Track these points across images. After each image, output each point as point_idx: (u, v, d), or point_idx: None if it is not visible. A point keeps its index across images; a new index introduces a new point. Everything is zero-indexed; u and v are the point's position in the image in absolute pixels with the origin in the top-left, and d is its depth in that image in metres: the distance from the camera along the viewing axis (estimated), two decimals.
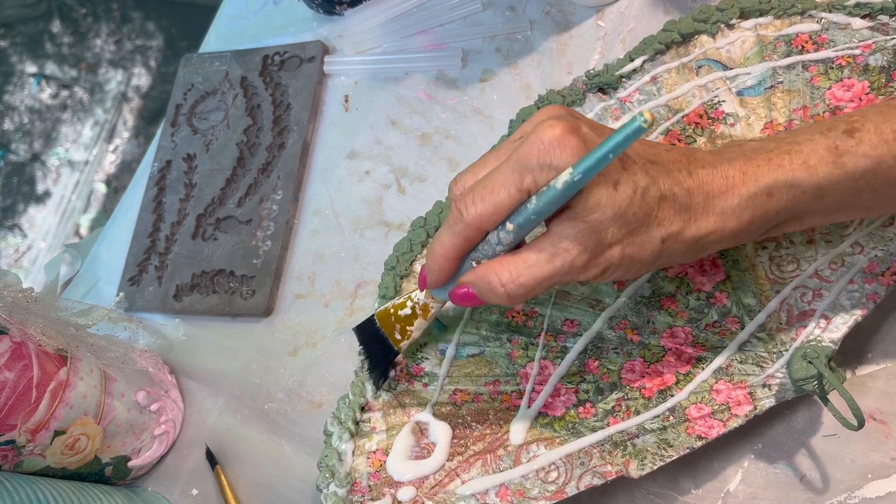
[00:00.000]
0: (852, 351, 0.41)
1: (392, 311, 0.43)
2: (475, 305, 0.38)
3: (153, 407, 0.53)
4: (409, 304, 0.42)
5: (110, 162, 1.79)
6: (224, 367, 0.56)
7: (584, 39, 0.55)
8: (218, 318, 0.59)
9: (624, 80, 0.49)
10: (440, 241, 0.36)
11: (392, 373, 0.46)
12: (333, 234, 0.58)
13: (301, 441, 0.52)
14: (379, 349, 0.45)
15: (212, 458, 0.53)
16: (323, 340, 0.54)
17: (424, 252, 0.50)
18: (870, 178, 0.33)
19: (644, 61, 0.49)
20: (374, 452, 0.44)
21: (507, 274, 0.34)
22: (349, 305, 0.55)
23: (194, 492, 0.53)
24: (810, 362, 0.37)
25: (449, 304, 0.41)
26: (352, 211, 0.58)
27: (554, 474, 0.40)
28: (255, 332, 0.57)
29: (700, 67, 0.48)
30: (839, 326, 0.39)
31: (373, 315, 0.44)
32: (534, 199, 0.34)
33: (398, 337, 0.44)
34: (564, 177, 0.32)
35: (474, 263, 0.37)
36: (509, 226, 0.35)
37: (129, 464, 0.52)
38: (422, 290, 0.41)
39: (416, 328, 0.43)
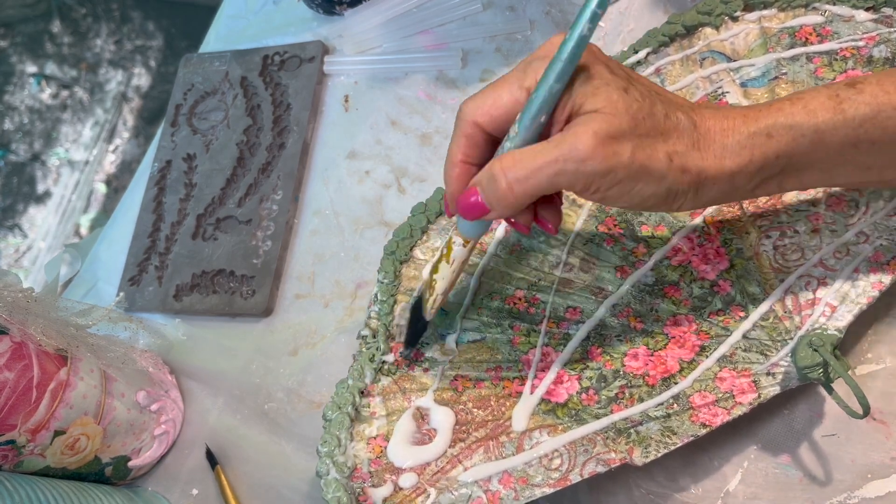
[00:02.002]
0: (852, 351, 0.41)
1: (431, 271, 0.42)
2: (481, 216, 0.35)
3: (153, 407, 0.53)
4: (441, 248, 0.41)
5: (110, 162, 1.79)
6: (224, 367, 0.56)
7: None
8: (218, 318, 0.59)
9: None
10: (449, 150, 0.36)
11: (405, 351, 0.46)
12: (333, 234, 0.58)
13: (301, 441, 0.52)
14: (416, 319, 0.44)
15: (212, 458, 0.53)
16: (323, 340, 0.54)
17: (425, 238, 0.50)
18: (869, 126, 0.33)
19: (648, 53, 0.49)
20: (375, 438, 0.44)
21: (511, 159, 0.33)
22: (349, 305, 0.55)
23: (194, 492, 0.53)
24: (815, 350, 0.37)
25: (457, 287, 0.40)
26: (352, 211, 0.58)
27: (557, 461, 0.40)
28: (254, 332, 0.57)
29: (704, 59, 0.48)
30: (844, 315, 0.39)
31: (419, 295, 0.43)
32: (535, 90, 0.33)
33: (427, 297, 0.42)
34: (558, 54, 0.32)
35: None
36: (515, 125, 0.34)
37: (129, 464, 0.52)
38: (448, 215, 0.40)
39: (441, 276, 0.41)
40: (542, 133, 0.34)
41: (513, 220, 0.37)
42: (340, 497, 0.41)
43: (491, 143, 0.36)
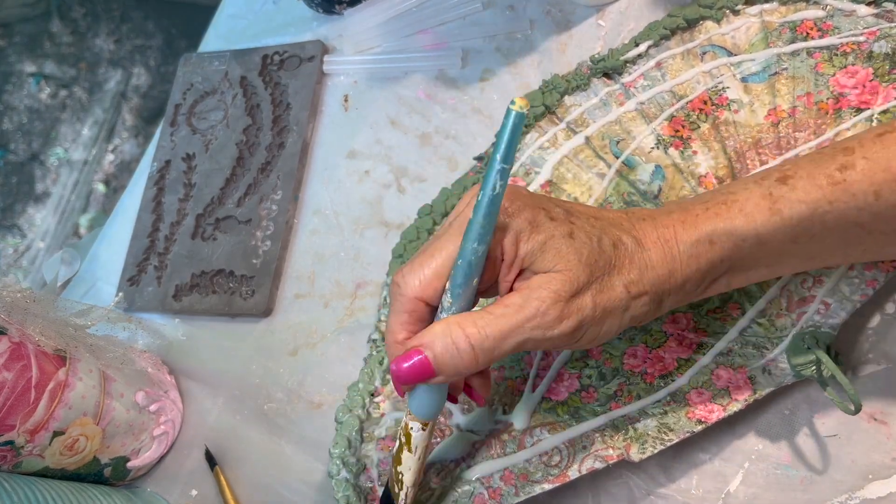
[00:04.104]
0: (852, 351, 0.41)
1: (393, 462, 0.38)
2: (425, 379, 0.32)
3: (152, 407, 0.53)
4: (399, 436, 0.37)
5: (109, 162, 1.79)
6: (224, 367, 0.56)
7: (584, 39, 0.55)
8: (217, 318, 0.58)
9: (629, 65, 0.50)
10: (388, 326, 0.34)
11: None
12: (333, 234, 0.58)
13: (301, 441, 0.52)
14: None
15: (211, 459, 0.53)
16: (323, 340, 0.54)
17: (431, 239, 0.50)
18: (807, 224, 0.33)
19: (649, 47, 0.49)
20: (384, 439, 0.44)
21: (474, 326, 0.31)
22: (349, 305, 0.54)
23: (194, 492, 0.53)
24: (809, 348, 0.38)
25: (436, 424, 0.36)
26: (352, 211, 0.58)
27: (556, 458, 0.41)
28: (254, 332, 0.57)
29: (705, 53, 0.48)
30: (838, 312, 0.39)
31: (387, 488, 0.39)
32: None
33: (396, 491, 0.38)
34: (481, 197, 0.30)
35: None
36: (447, 294, 0.32)
37: (129, 464, 0.52)
38: (400, 395, 0.36)
39: (405, 467, 0.37)
40: (482, 290, 0.33)
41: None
42: (350, 496, 0.42)
43: (433, 312, 0.34)
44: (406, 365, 0.32)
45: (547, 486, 0.40)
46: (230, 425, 0.54)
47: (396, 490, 0.38)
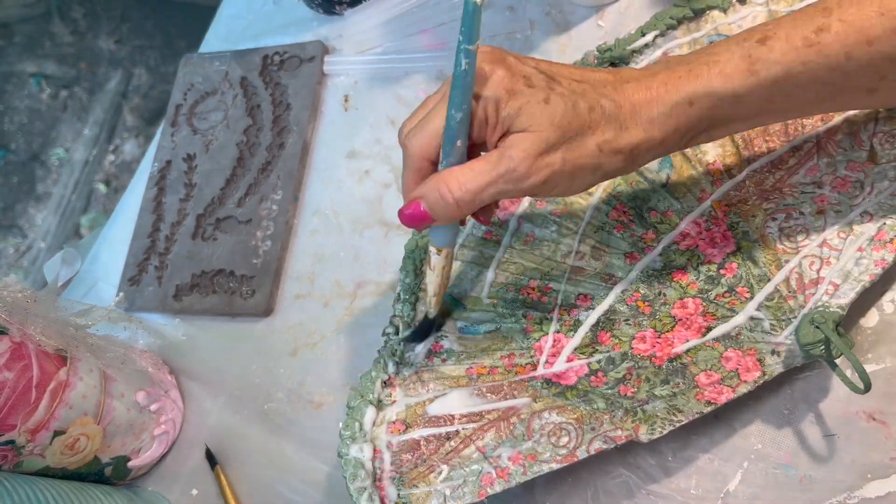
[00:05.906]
0: (853, 351, 0.41)
1: (421, 283, 0.46)
2: (423, 225, 0.38)
3: (153, 407, 0.53)
4: (425, 260, 0.44)
5: (110, 162, 1.79)
6: (224, 367, 0.56)
7: (584, 39, 0.55)
8: (218, 318, 0.58)
9: (635, 54, 0.50)
10: (403, 182, 0.39)
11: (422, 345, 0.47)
12: (333, 234, 0.58)
13: (301, 441, 0.52)
14: (422, 321, 0.47)
15: (211, 458, 0.53)
16: (323, 340, 0.54)
17: None
18: (781, 83, 0.35)
19: (655, 36, 0.50)
20: (394, 423, 0.45)
21: (456, 181, 0.36)
22: (349, 305, 0.55)
23: (194, 492, 0.53)
24: (818, 327, 0.38)
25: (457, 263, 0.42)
26: (352, 211, 0.58)
27: (565, 438, 0.41)
28: (254, 332, 0.57)
29: (711, 43, 0.48)
30: (847, 292, 0.39)
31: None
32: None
33: (424, 299, 0.46)
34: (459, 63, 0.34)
35: None
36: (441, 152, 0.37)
37: (129, 464, 0.52)
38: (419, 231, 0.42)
39: (428, 282, 0.44)
40: (481, 144, 0.38)
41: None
42: (359, 473, 0.42)
43: (436, 165, 0.39)
44: (408, 212, 0.37)
45: (555, 466, 0.40)
46: (230, 425, 0.54)
47: (423, 298, 0.46)
